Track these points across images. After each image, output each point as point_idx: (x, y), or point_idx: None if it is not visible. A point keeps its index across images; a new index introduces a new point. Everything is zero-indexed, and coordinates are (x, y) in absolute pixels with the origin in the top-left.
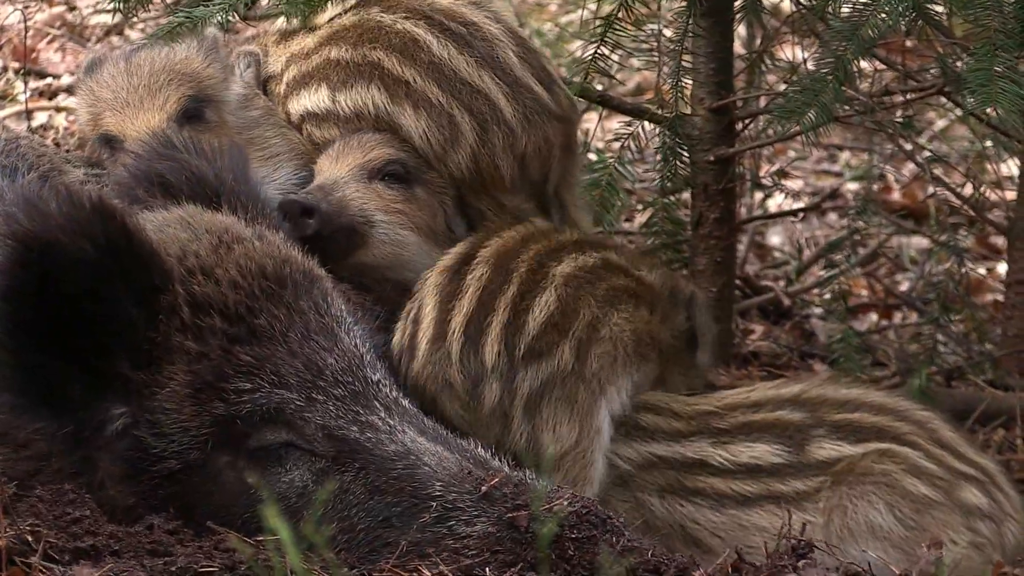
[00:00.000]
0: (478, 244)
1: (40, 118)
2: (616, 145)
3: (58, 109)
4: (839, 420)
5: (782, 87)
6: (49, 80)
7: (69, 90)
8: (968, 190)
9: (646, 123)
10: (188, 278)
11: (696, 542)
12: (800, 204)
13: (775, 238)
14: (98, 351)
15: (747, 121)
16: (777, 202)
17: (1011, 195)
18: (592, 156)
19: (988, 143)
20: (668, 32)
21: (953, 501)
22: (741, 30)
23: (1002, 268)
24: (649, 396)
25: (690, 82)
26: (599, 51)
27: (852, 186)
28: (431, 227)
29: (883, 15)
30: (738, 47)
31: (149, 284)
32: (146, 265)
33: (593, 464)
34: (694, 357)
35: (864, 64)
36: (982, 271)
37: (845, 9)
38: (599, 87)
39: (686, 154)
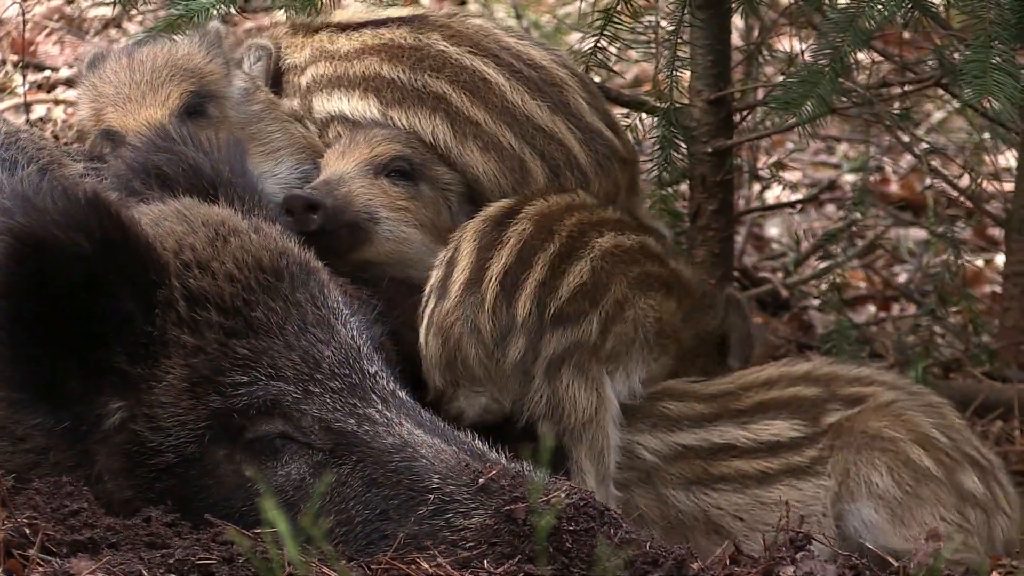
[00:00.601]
0: (523, 202)
1: (39, 111)
2: None
3: (57, 102)
4: (853, 393)
5: (780, 79)
6: (48, 73)
7: (68, 83)
8: (966, 182)
9: (644, 115)
10: (184, 272)
11: (717, 529)
12: (798, 196)
13: (773, 230)
14: (95, 346)
15: (745, 113)
16: (775, 194)
17: (1009, 187)
18: None
19: (986, 135)
20: (666, 24)
21: (952, 481)
22: (739, 22)
23: (1000, 260)
24: (666, 383)
25: (688, 74)
26: (598, 44)
27: (850, 178)
28: (435, 224)
29: (880, 6)
30: (736, 39)
31: (145, 278)
32: (142, 260)
33: (610, 432)
34: (720, 360)
35: (861, 56)
36: (980, 263)
37: (842, 0)
38: (597, 79)
39: (684, 145)
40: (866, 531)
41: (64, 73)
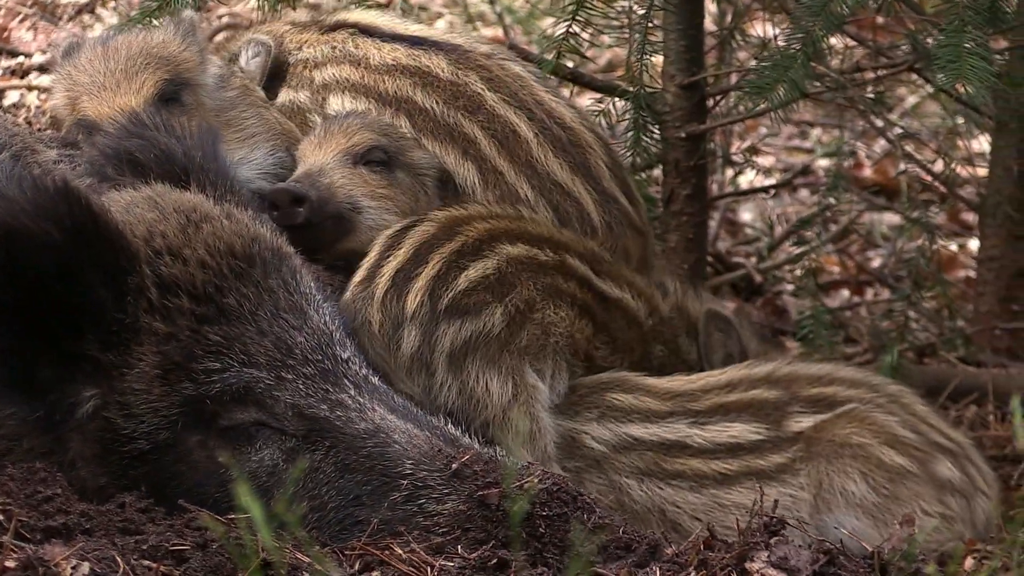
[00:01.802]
0: (438, 210)
1: (12, 97)
2: None
3: (30, 88)
4: (814, 394)
5: (753, 64)
6: (21, 59)
7: (41, 69)
8: (939, 166)
9: (617, 99)
10: (155, 259)
11: (675, 526)
12: (771, 181)
13: (746, 215)
14: (67, 334)
15: (718, 97)
16: (748, 179)
17: (982, 171)
18: None
19: (959, 119)
20: (639, 8)
21: (927, 473)
22: (711, 6)
23: (974, 244)
24: (617, 375)
25: (661, 59)
26: (571, 30)
27: (823, 163)
28: (413, 210)
29: None
30: (709, 23)
31: (116, 266)
32: (112, 247)
33: (539, 416)
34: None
35: (835, 40)
36: (954, 247)
37: None
38: (570, 64)
39: (657, 131)
40: (852, 540)
41: (37, 59)
